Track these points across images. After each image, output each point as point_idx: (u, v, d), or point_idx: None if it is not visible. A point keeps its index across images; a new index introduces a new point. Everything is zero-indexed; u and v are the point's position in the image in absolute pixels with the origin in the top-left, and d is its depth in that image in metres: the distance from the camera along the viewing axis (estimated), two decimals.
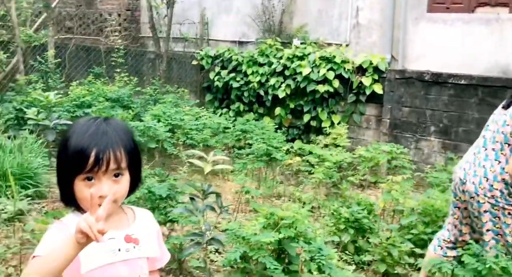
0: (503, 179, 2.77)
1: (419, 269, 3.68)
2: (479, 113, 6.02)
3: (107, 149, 1.33)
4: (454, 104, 6.20)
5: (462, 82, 6.11)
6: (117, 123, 1.42)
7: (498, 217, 2.82)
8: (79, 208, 1.41)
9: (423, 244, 3.79)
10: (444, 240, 3.23)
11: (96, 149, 1.32)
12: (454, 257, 3.15)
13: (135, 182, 1.46)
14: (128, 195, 1.47)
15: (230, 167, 2.54)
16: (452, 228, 3.17)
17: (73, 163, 1.33)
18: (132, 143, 1.41)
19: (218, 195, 2.48)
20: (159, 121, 5.80)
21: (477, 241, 3.07)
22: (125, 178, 1.39)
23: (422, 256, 3.67)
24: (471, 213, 2.96)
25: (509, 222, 2.81)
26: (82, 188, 1.35)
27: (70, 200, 1.39)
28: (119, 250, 1.40)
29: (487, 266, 2.64)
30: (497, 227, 2.84)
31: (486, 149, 2.90)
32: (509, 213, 2.80)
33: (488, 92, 5.96)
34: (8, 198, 4.07)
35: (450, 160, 5.72)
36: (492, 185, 2.80)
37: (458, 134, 6.20)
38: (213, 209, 2.42)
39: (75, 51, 8.04)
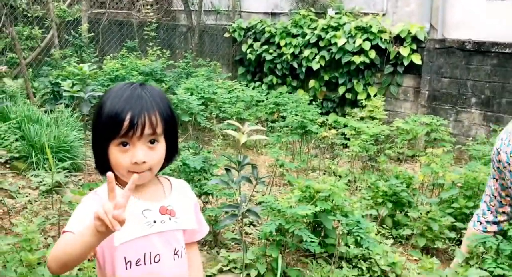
0: None
1: (459, 243, 3.58)
2: None
3: (142, 113, 1.28)
4: (497, 74, 5.92)
5: (507, 50, 5.81)
6: (153, 89, 1.36)
7: None
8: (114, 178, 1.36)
9: (465, 218, 3.67)
10: (483, 215, 3.11)
11: (131, 113, 1.27)
12: (494, 232, 3.03)
13: (172, 151, 1.40)
14: (164, 165, 1.41)
15: (265, 137, 2.47)
16: (490, 199, 3.05)
17: (108, 128, 1.28)
18: (168, 110, 1.35)
19: (253, 166, 2.43)
20: (192, 94, 5.77)
21: None
22: (161, 145, 1.34)
23: (463, 230, 3.56)
24: (509, 183, 2.84)
25: None
26: (116, 154, 1.30)
27: (105, 168, 1.35)
28: (154, 222, 1.35)
29: None
30: None
31: None
32: None
33: None
34: (46, 170, 4.14)
35: (493, 132, 5.49)
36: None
37: (501, 105, 5.94)
38: (249, 180, 2.37)
39: (108, 26, 8.05)
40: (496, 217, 3.04)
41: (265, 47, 7.61)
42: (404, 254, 3.46)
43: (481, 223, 3.11)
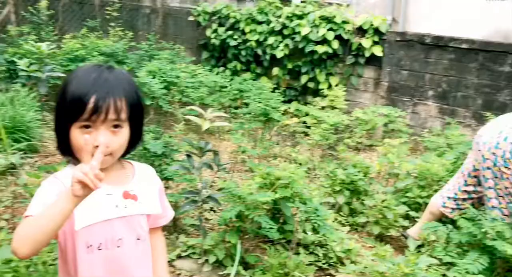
0: (511, 143, 2.78)
1: None
2: (478, 79, 5.96)
3: (108, 97, 1.26)
4: (454, 69, 6.12)
5: (463, 46, 6.01)
6: (121, 73, 1.35)
7: (498, 178, 2.84)
8: (74, 159, 1.35)
9: (418, 208, 3.81)
10: (447, 189, 3.29)
11: (96, 95, 1.25)
12: (452, 209, 3.20)
13: (136, 138, 1.39)
14: (128, 151, 1.41)
15: (228, 124, 2.47)
16: (458, 176, 3.23)
17: (71, 109, 1.26)
18: (135, 96, 1.34)
19: (216, 153, 2.43)
20: (154, 77, 5.68)
21: (479, 198, 3.12)
22: (124, 131, 1.33)
23: (416, 218, 3.70)
24: (479, 167, 3.02)
25: (508, 186, 2.83)
26: (78, 136, 1.28)
27: (66, 150, 1.33)
28: (117, 206, 1.35)
29: (483, 230, 2.65)
30: (498, 188, 2.87)
31: None
32: (507, 177, 2.81)
33: (489, 57, 5.87)
34: (0, 151, 4.01)
35: (447, 125, 5.69)
36: (498, 143, 2.83)
37: (456, 99, 6.15)
38: (210, 167, 2.38)
39: (68, 3, 7.79)
40: (456, 194, 3.20)
41: (230, 32, 7.56)
42: (359, 241, 3.57)
43: (442, 197, 3.29)
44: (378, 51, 6.51)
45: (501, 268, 2.75)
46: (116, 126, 1.30)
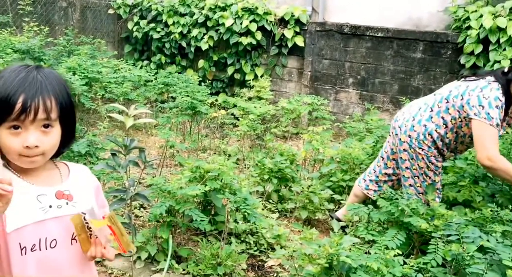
0: (425, 125, 3.00)
1: None
2: (394, 65, 6.30)
3: (36, 97, 1.24)
4: (371, 56, 6.42)
5: (379, 34, 6.32)
6: (50, 72, 1.33)
7: (414, 159, 3.06)
8: (4, 161, 1.32)
9: (342, 191, 4.00)
10: (368, 173, 3.48)
11: (24, 95, 1.23)
12: (374, 190, 3.40)
13: (68, 137, 1.38)
14: (60, 151, 1.40)
15: (153, 121, 2.47)
16: (378, 160, 3.44)
17: None
18: (65, 95, 1.32)
19: (141, 149, 2.43)
20: (74, 74, 5.50)
21: (398, 179, 3.34)
22: (56, 130, 1.32)
23: (341, 201, 3.89)
24: (396, 150, 3.22)
25: (422, 165, 3.06)
26: (7, 137, 1.26)
27: None
28: (50, 207, 1.34)
29: (400, 208, 2.85)
30: (414, 169, 3.09)
31: (435, 95, 3.13)
32: (422, 158, 3.03)
33: (402, 44, 6.22)
34: None
35: (367, 110, 5.98)
36: (413, 126, 3.04)
37: (375, 85, 6.47)
38: (136, 164, 2.38)
39: None
40: (377, 177, 3.41)
41: (152, 25, 7.44)
42: (288, 227, 3.70)
43: (365, 180, 3.49)
44: (300, 41, 6.68)
45: (417, 241, 2.97)
46: (46, 126, 1.29)
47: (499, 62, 5.35)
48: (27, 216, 1.29)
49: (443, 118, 2.99)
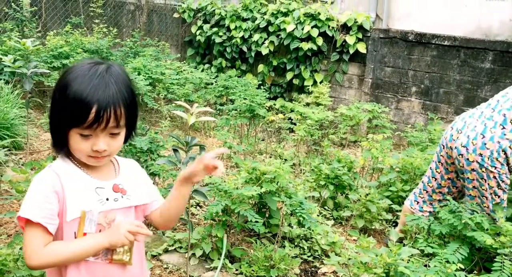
0: (499, 142, 2.81)
1: (395, 225, 3.79)
2: (460, 75, 6.07)
3: (109, 107, 1.28)
4: (436, 65, 6.22)
5: (445, 43, 6.11)
6: (119, 74, 1.35)
7: (484, 179, 2.87)
8: (71, 156, 1.38)
9: (401, 201, 3.88)
10: (419, 194, 3.32)
11: (97, 105, 1.27)
12: (430, 212, 3.24)
13: (129, 134, 1.44)
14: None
15: (213, 119, 2.50)
16: (429, 180, 3.26)
17: (71, 116, 1.29)
18: (131, 97, 1.36)
19: (202, 147, 2.46)
20: (139, 74, 5.68)
21: (454, 198, 3.17)
22: (122, 133, 1.38)
23: (399, 212, 3.77)
24: (459, 170, 3.02)
25: (493, 185, 2.87)
26: (77, 140, 1.32)
27: (62, 147, 1.37)
28: (107, 199, 1.39)
29: (463, 222, 2.72)
30: (483, 189, 2.91)
31: (494, 111, 2.93)
32: (494, 177, 2.85)
33: (470, 54, 5.98)
34: None
35: (430, 120, 5.78)
36: (485, 144, 2.84)
37: (439, 95, 6.25)
38: None
39: (51, 0, 7.72)
40: (431, 196, 3.25)
41: (215, 29, 7.58)
42: (343, 234, 3.63)
43: (418, 202, 3.32)
44: (362, 48, 6.58)
45: (480, 258, 2.82)
46: (114, 133, 1.35)
47: None
48: (86, 207, 1.35)
49: None
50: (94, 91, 1.27)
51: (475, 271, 2.74)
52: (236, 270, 2.99)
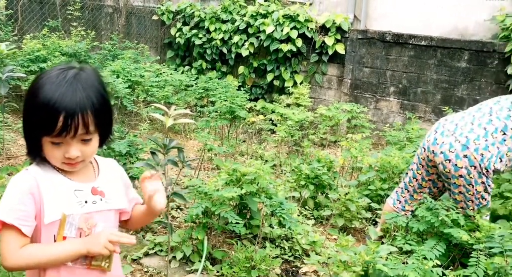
0: (498, 148, 2.84)
1: (375, 223, 3.84)
2: (437, 74, 6.16)
3: (76, 114, 1.27)
4: (414, 65, 6.31)
5: (422, 43, 6.20)
6: (89, 78, 1.34)
7: (471, 185, 2.88)
8: (46, 162, 1.38)
9: (380, 200, 3.93)
10: (401, 193, 3.35)
11: (64, 113, 1.26)
12: (412, 211, 3.28)
13: (105, 138, 1.43)
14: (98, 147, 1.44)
15: (192, 121, 2.50)
16: (410, 180, 3.29)
17: (40, 125, 1.29)
18: (102, 102, 1.34)
19: (180, 149, 2.46)
20: (118, 77, 5.64)
21: (434, 197, 3.21)
22: (95, 139, 1.37)
23: (378, 210, 3.81)
24: (443, 174, 3.02)
25: (480, 190, 2.89)
26: (50, 148, 1.33)
27: (37, 154, 1.37)
28: (86, 202, 1.39)
29: (440, 219, 2.77)
30: (469, 194, 2.92)
31: (491, 115, 2.93)
32: (482, 182, 2.85)
33: (446, 53, 6.08)
34: None
35: (408, 119, 5.86)
36: (488, 146, 2.84)
37: (417, 94, 6.34)
38: (175, 163, 2.41)
39: (28, 3, 7.62)
40: (412, 196, 3.29)
41: (195, 31, 7.57)
42: (324, 234, 3.65)
43: (400, 201, 3.36)
44: (340, 49, 6.64)
45: (456, 254, 2.87)
46: (85, 140, 1.34)
47: None
48: (64, 209, 1.34)
49: None
50: (61, 99, 1.26)
51: (451, 267, 2.79)
52: (217, 272, 2.99)
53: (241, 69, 7.30)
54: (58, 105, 1.26)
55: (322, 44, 6.72)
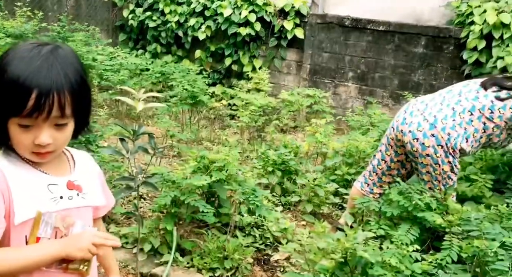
0: (465, 129, 2.88)
1: (341, 208, 3.83)
2: (395, 60, 6.22)
3: (51, 93, 1.10)
4: (372, 50, 6.34)
5: (380, 28, 6.23)
6: (67, 56, 1.16)
7: (438, 164, 2.92)
8: (11, 151, 1.19)
9: (346, 184, 3.92)
10: (369, 176, 3.34)
11: (37, 90, 1.08)
12: (380, 194, 3.28)
13: (81, 127, 1.25)
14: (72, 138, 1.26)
15: (164, 105, 2.35)
16: (378, 163, 3.28)
17: (7, 104, 1.10)
18: (81, 83, 1.16)
19: (151, 135, 2.31)
20: None
21: (403, 179, 3.22)
22: (69, 125, 1.19)
23: (345, 195, 3.80)
24: (411, 154, 3.04)
25: (446, 170, 2.92)
26: (17, 132, 1.14)
27: (2, 142, 1.18)
28: (61, 197, 1.22)
29: (413, 203, 2.76)
30: (436, 173, 2.96)
31: (460, 96, 2.96)
32: (448, 162, 2.89)
33: (404, 39, 6.14)
34: None
35: (369, 104, 5.89)
36: (455, 126, 2.88)
37: (375, 79, 6.39)
38: (146, 150, 2.26)
39: None
40: (381, 178, 3.28)
41: (148, 13, 7.29)
42: (292, 220, 3.60)
43: (368, 184, 3.34)
44: (300, 33, 6.58)
45: (427, 237, 2.89)
46: (60, 124, 1.16)
47: (502, 58, 5.30)
48: (37, 206, 1.17)
49: (484, 123, 2.90)
50: (34, 75, 1.09)
51: (422, 250, 2.80)
52: (188, 263, 2.88)
53: (198, 53, 7.11)
54: (30, 81, 1.08)
55: (281, 29, 6.63)
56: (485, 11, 5.48)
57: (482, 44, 5.44)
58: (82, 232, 1.21)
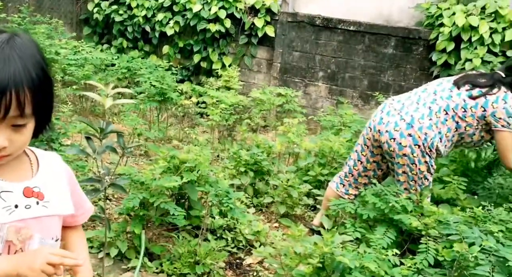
0: (440, 128, 2.86)
1: (314, 209, 3.76)
2: (365, 60, 6.22)
3: (8, 90, 0.96)
4: (342, 50, 6.32)
5: (351, 28, 6.21)
6: (25, 47, 1.03)
7: (415, 164, 2.88)
8: None
9: (320, 185, 3.86)
10: (345, 177, 3.28)
11: None
12: (355, 195, 3.23)
13: (42, 127, 1.11)
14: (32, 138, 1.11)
15: (133, 101, 2.21)
16: (355, 163, 3.22)
17: None
18: (42, 77, 1.03)
19: (119, 134, 2.17)
20: None
21: (379, 180, 3.17)
22: (29, 126, 1.05)
23: (318, 196, 3.74)
24: (387, 154, 3.00)
25: (423, 170, 2.90)
26: None
27: None
28: (16, 206, 1.07)
29: (390, 205, 2.72)
30: (413, 173, 2.92)
31: (435, 95, 2.94)
32: (425, 162, 2.87)
33: (374, 39, 6.14)
34: None
35: (340, 103, 5.86)
36: (431, 125, 2.86)
37: (345, 79, 6.37)
38: (114, 150, 2.11)
39: None
40: (357, 180, 3.23)
41: (114, 7, 7.04)
42: (265, 222, 3.51)
43: (344, 185, 3.28)
44: (270, 31, 6.49)
45: (403, 240, 2.85)
46: (18, 125, 1.02)
47: (470, 60, 5.36)
48: None
49: (457, 122, 2.88)
50: None
51: (398, 254, 2.76)
52: (157, 268, 2.74)
53: (165, 49, 6.92)
54: None
55: (252, 26, 6.52)
56: (454, 13, 5.53)
57: (451, 46, 5.50)
58: (38, 248, 1.06)
